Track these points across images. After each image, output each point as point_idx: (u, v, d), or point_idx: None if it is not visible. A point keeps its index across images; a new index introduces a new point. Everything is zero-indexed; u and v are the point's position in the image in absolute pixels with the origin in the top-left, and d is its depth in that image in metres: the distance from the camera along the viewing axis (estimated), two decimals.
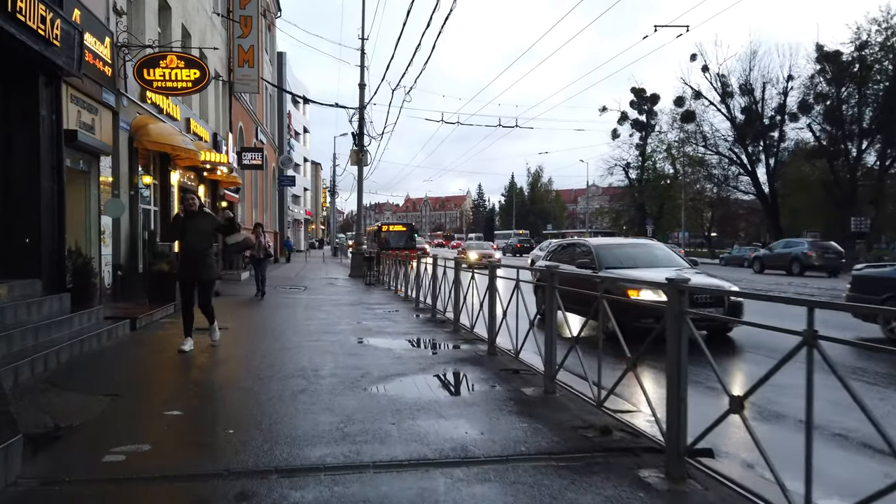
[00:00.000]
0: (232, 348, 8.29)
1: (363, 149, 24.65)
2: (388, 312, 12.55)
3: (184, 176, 15.79)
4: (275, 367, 6.86)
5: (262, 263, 14.58)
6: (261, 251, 14.35)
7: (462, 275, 10.02)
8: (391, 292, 17.33)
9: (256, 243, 13.97)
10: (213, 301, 8.47)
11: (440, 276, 11.57)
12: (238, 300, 14.54)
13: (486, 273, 8.09)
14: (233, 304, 13.58)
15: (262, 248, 14.37)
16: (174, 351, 7.77)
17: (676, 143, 55.79)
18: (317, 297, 15.52)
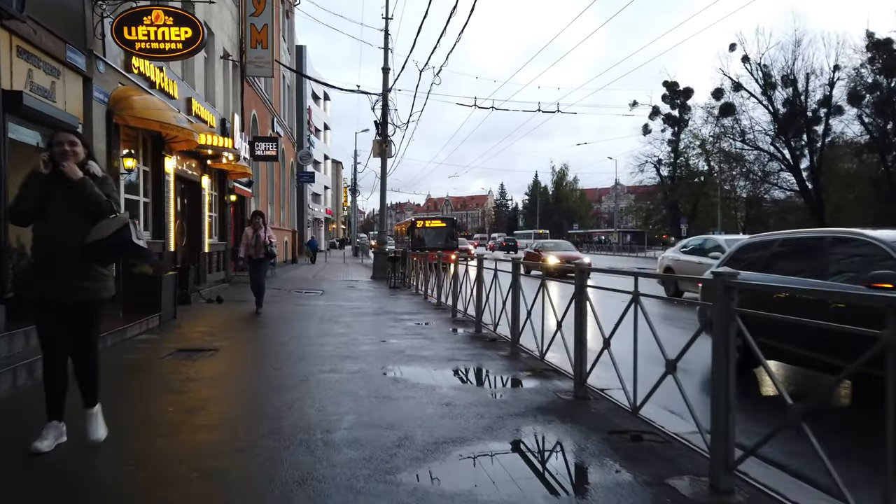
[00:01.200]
0: (213, 385, 5.96)
1: (387, 138, 22.33)
2: (419, 325, 10.18)
3: (182, 163, 13.57)
4: (265, 423, 4.51)
5: (262, 267, 11.26)
6: (260, 250, 10.92)
7: (522, 281, 7.59)
8: (419, 298, 14.97)
9: (254, 238, 10.84)
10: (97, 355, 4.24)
11: (488, 281, 9.16)
12: (239, 311, 12.26)
13: (557, 279, 5.67)
14: (231, 316, 11.30)
15: (261, 245, 10.88)
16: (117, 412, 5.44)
17: (712, 138, 52.82)
18: (335, 305, 13.20)
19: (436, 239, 29.57)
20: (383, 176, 22.81)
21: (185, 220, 14.46)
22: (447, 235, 30.89)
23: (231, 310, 11.97)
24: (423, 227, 31.22)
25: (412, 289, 17.93)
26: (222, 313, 11.44)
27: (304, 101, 46.28)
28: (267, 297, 14.44)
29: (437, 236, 30.23)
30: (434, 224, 32.46)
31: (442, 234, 30.65)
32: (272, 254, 11.07)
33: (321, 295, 15.59)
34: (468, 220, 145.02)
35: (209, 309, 12.05)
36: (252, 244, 10.92)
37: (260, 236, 10.85)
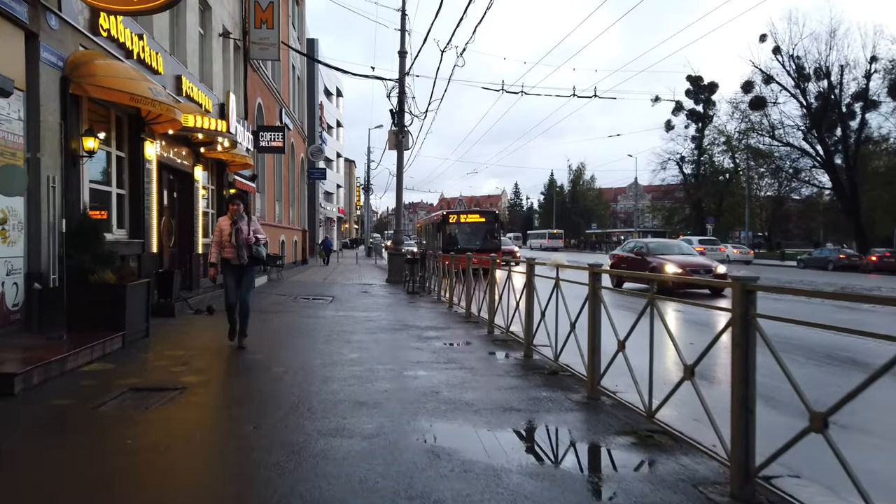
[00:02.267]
0: (152, 466, 3.84)
1: (403, 129, 20.23)
2: (451, 346, 8.05)
3: (169, 150, 11.53)
4: None
5: (245, 277, 7.53)
6: (242, 251, 7.33)
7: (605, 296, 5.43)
8: (443, 307, 12.85)
9: (232, 234, 7.32)
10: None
11: (542, 293, 7.03)
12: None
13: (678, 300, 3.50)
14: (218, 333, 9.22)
15: (243, 244, 7.34)
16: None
17: (739, 133, 50.29)
18: (346, 317, 11.10)
19: (472, 238, 24.83)
20: (399, 169, 20.72)
21: (173, 217, 12.44)
22: (487, 233, 25.72)
23: (221, 324, 9.85)
24: (457, 223, 25.61)
25: (432, 294, 15.84)
26: (209, 329, 9.37)
27: (315, 96, 44.39)
28: (267, 305, 12.43)
29: (474, 235, 25.19)
30: (471, 219, 26.11)
31: (480, 232, 25.52)
32: (260, 257, 7.49)
33: (330, 303, 13.51)
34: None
35: (195, 323, 9.99)
36: (230, 242, 7.29)
37: (242, 230, 7.31)
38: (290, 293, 15.34)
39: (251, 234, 7.53)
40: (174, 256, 12.58)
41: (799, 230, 67.86)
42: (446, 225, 25.37)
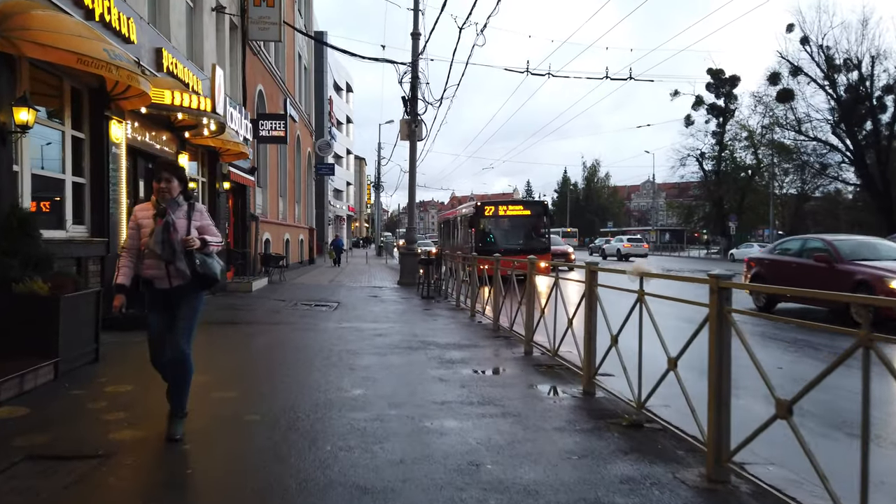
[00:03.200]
0: None
1: (416, 117, 18.41)
2: (485, 376, 6.21)
3: (143, 132, 9.77)
4: None
5: (183, 306, 4.15)
6: (177, 264, 3.99)
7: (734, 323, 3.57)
8: (464, 315, 11.04)
9: (158, 236, 3.95)
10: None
11: (613, 308, 5.19)
12: (209, 345, 8.45)
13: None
14: None
15: (178, 251, 3.98)
16: None
17: (764, 128, 48.09)
18: (351, 330, 9.29)
19: (514, 235, 20.22)
20: (412, 162, 18.89)
21: None
22: (532, 230, 20.59)
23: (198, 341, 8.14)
24: (495, 217, 20.62)
25: (450, 299, 14.04)
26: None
27: (324, 90, 42.69)
28: (260, 315, 10.64)
29: (517, 231, 20.42)
30: (512, 211, 20.86)
31: (523, 228, 20.54)
32: (210, 275, 4.14)
33: (334, 310, 11.71)
34: None
35: None
36: (151, 248, 4.00)
37: (176, 227, 4.02)
38: (291, 298, 13.57)
39: (190, 235, 4.02)
40: None
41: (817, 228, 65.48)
42: (481, 219, 20.24)
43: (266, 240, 19.22)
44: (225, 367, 6.50)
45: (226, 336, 8.73)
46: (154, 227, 4.01)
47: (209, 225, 4.27)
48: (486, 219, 20.50)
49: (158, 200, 4.09)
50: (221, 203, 13.98)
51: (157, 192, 4.10)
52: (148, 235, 4.02)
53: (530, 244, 19.48)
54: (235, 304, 12.12)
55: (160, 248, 3.98)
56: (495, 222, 20.72)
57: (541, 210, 21.33)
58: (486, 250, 16.85)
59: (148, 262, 4.06)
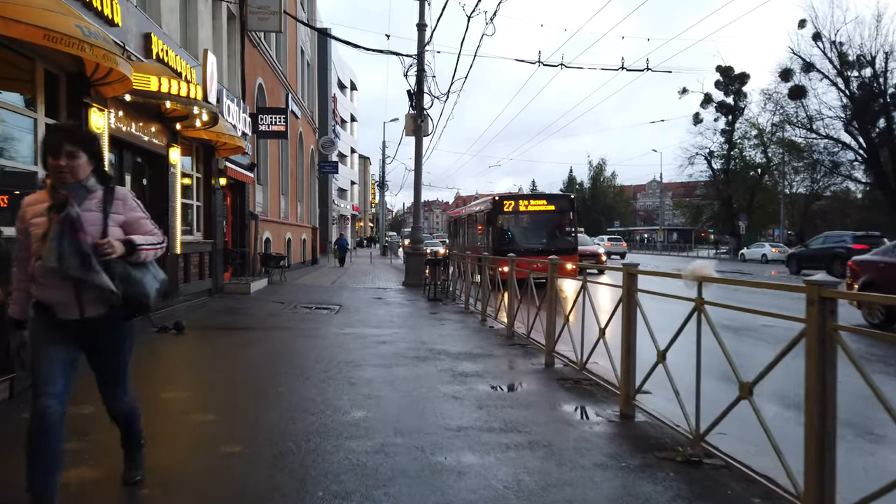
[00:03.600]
0: None
1: (422, 112, 17.65)
2: (504, 393, 5.43)
3: (129, 123, 9.01)
4: None
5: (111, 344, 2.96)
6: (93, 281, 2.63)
7: None
8: (474, 319, 10.27)
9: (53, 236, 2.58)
10: None
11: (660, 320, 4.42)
12: (195, 352, 7.73)
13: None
14: (168, 366, 6.76)
15: (90, 263, 2.61)
16: None
17: (774, 125, 47.16)
18: (353, 336, 8.52)
19: (537, 233, 18.03)
20: (418, 158, 18.11)
21: None
22: (557, 227, 18.36)
23: (183, 350, 7.40)
24: (514, 213, 18.24)
25: (457, 301, 13.29)
26: (159, 361, 6.85)
27: (329, 88, 41.99)
28: (256, 319, 9.89)
29: (540, 229, 18.18)
30: (534, 206, 18.37)
31: (548, 226, 18.30)
32: (143, 298, 2.88)
33: (336, 313, 10.96)
34: None
35: (147, 350, 7.45)
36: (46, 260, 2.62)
37: (82, 223, 2.65)
38: (290, 300, 12.81)
39: (111, 232, 2.77)
40: None
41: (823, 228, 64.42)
42: (499, 215, 17.89)
43: (266, 239, 18.48)
44: (209, 383, 5.74)
45: (215, 343, 7.98)
46: (49, 227, 2.63)
47: (140, 219, 2.94)
48: (506, 215, 18.14)
49: (55, 185, 2.71)
50: (218, 200, 13.23)
51: (52, 174, 2.70)
52: (40, 239, 2.65)
53: (555, 243, 17.22)
54: (231, 307, 11.37)
55: (57, 259, 2.59)
56: (515, 219, 18.42)
57: (567, 205, 18.55)
58: (504, 250, 14.81)
59: (44, 281, 2.69)
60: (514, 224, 18.39)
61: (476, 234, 20.62)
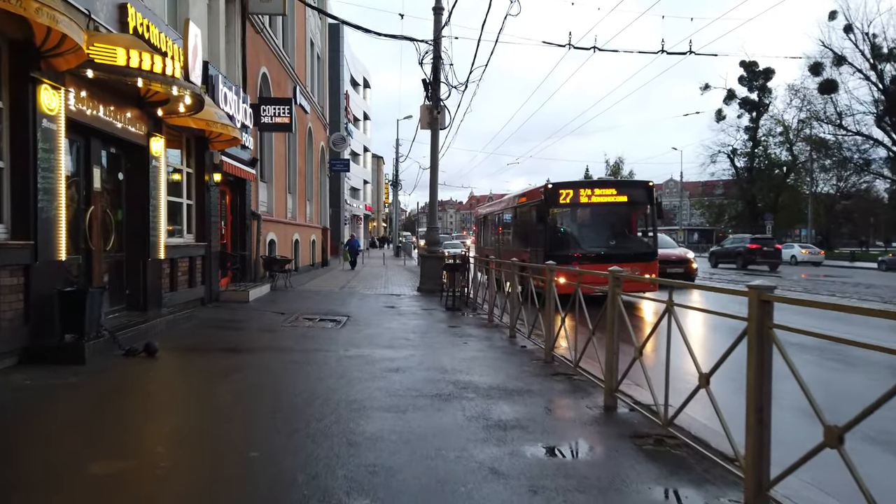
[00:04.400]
0: None
1: (439, 102, 16.13)
2: (567, 459, 3.89)
3: (96, 104, 7.56)
4: None
5: None
6: None
7: None
8: (500, 332, 8.76)
9: None
10: None
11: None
12: (164, 386, 6.28)
13: None
14: (119, 409, 5.28)
15: None
16: None
17: (801, 122, 45.20)
18: (358, 360, 7.00)
19: (603, 233, 14.00)
20: (434, 152, 16.59)
21: (111, 206, 8.51)
22: (626, 226, 14.48)
23: (145, 383, 5.91)
24: (574, 206, 14.12)
25: (478, 310, 11.82)
26: (107, 402, 5.37)
27: (341, 84, 40.65)
28: (248, 336, 8.39)
29: (607, 227, 14.15)
30: (601, 196, 13.98)
31: (617, 224, 14.32)
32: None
33: (342, 326, 9.48)
34: None
35: (103, 384, 5.98)
36: None
37: None
38: (293, 310, 11.35)
39: None
40: (116, 266, 8.65)
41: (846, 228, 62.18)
42: (553, 209, 13.71)
43: (271, 241, 17.05)
44: (161, 440, 4.25)
45: (188, 372, 6.50)
46: None
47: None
48: (562, 209, 13.89)
49: None
50: (212, 199, 11.79)
51: None
52: None
53: (627, 246, 13.72)
54: (223, 320, 9.92)
55: None
56: (575, 213, 14.28)
57: (644, 195, 13.89)
58: (559, 255, 11.36)
59: None
60: (572, 220, 14.32)
61: (518, 233, 16.66)
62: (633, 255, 12.72)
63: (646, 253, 13.67)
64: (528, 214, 15.13)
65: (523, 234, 15.96)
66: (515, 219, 17.04)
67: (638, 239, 14.38)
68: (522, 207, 16.10)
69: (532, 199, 15.02)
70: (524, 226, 15.90)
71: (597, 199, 13.95)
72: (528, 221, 15.34)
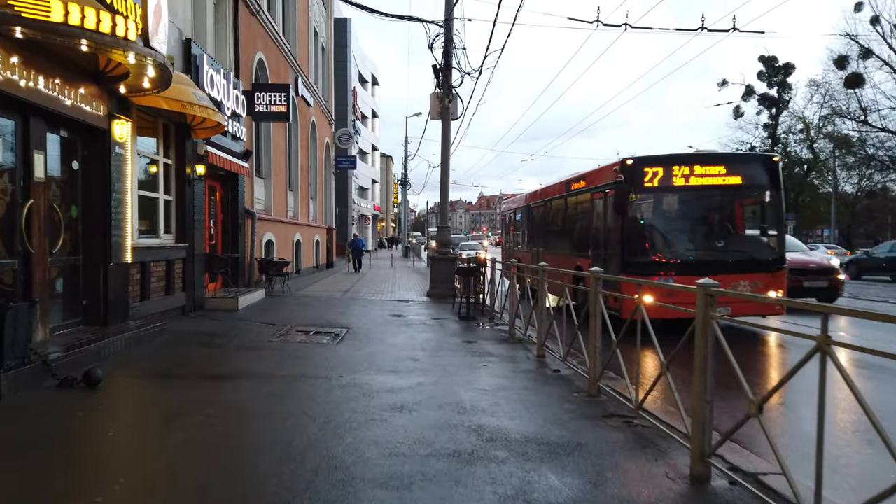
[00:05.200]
0: None
1: (450, 90, 14.65)
2: None
3: (35, 76, 6.12)
4: None
5: None
6: None
7: None
8: (524, 348, 7.27)
9: None
10: None
11: None
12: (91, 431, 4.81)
13: None
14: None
15: None
16: None
17: (822, 118, 43.34)
18: (354, 391, 5.51)
19: (709, 232, 9.93)
20: (445, 146, 15.10)
21: (61, 200, 7.07)
22: (739, 219, 10.21)
23: (66, 429, 4.42)
24: (667, 190, 9.62)
25: (495, 319, 10.37)
26: (3, 459, 3.90)
27: (348, 80, 39.31)
28: (227, 357, 6.87)
29: (712, 223, 9.99)
30: (701, 178, 9.56)
31: (727, 218, 10.02)
32: None
33: (339, 342, 8.01)
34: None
35: (12, 426, 4.53)
36: None
37: None
38: (286, 320, 9.90)
39: None
40: (69, 271, 7.22)
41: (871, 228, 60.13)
42: (636, 195, 9.47)
43: (268, 242, 15.62)
44: None
45: (122, 415, 5.03)
46: None
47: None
48: (649, 195, 9.57)
49: None
50: (196, 194, 10.36)
51: None
52: None
53: (740, 250, 9.70)
54: (200, 334, 8.48)
55: None
56: (667, 202, 9.82)
57: (766, 175, 9.78)
58: (641, 263, 9.08)
59: None
60: (662, 212, 9.83)
61: (570, 231, 12.76)
62: (749, 264, 9.30)
63: (768, 260, 9.56)
64: (589, 206, 11.25)
65: (579, 232, 12.12)
66: (566, 213, 13.02)
67: (756, 239, 10.13)
68: (578, 196, 12.16)
69: (596, 184, 10.91)
70: (580, 222, 12.09)
71: (698, 180, 9.55)
72: (587, 216, 11.47)
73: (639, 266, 9.01)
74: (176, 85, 7.98)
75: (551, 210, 14.04)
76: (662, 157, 9.98)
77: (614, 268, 9.40)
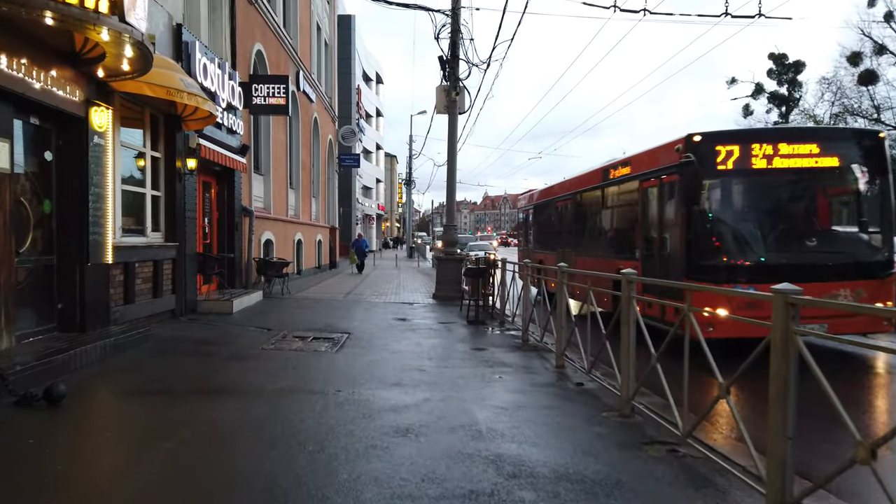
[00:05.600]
0: None
1: (457, 83, 13.95)
2: None
3: (10, 56, 5.45)
4: None
5: None
6: None
7: None
8: (540, 357, 6.57)
9: None
10: None
11: None
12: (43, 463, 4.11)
13: None
14: None
15: None
16: None
17: (834, 116, 42.44)
18: (352, 412, 4.81)
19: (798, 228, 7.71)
20: (451, 142, 14.39)
21: (31, 194, 6.39)
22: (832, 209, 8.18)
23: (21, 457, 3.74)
24: (743, 174, 7.61)
25: (505, 324, 9.67)
26: None
27: (352, 78, 38.65)
28: (213, 367, 6.10)
29: (802, 216, 7.84)
30: (793, 159, 7.43)
31: (821, 210, 7.98)
32: None
33: (339, 349, 7.32)
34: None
35: None
36: None
37: None
38: (283, 324, 9.22)
39: None
40: (42, 272, 6.54)
41: None
42: (706, 180, 7.53)
43: (267, 241, 14.94)
44: None
45: (85, 440, 4.31)
46: None
47: None
48: (718, 180, 7.70)
49: None
50: (187, 190, 9.69)
51: None
52: None
53: (836, 249, 7.80)
54: (186, 341, 7.79)
55: None
56: (746, 190, 7.91)
57: (868, 156, 7.76)
58: (711, 267, 7.40)
59: None
60: (740, 202, 7.93)
61: (610, 228, 10.80)
62: (850, 268, 7.45)
63: (874, 263, 7.57)
64: (637, 197, 9.18)
65: (622, 230, 10.16)
66: (603, 207, 10.96)
67: (857, 237, 7.90)
68: (620, 186, 10.09)
69: (647, 169, 8.87)
70: (624, 217, 10.08)
71: (785, 161, 7.50)
72: (633, 209, 9.41)
73: (709, 271, 7.31)
74: (162, 70, 7.33)
75: (583, 204, 11.93)
76: (738, 132, 8.31)
77: (675, 273, 7.69)
